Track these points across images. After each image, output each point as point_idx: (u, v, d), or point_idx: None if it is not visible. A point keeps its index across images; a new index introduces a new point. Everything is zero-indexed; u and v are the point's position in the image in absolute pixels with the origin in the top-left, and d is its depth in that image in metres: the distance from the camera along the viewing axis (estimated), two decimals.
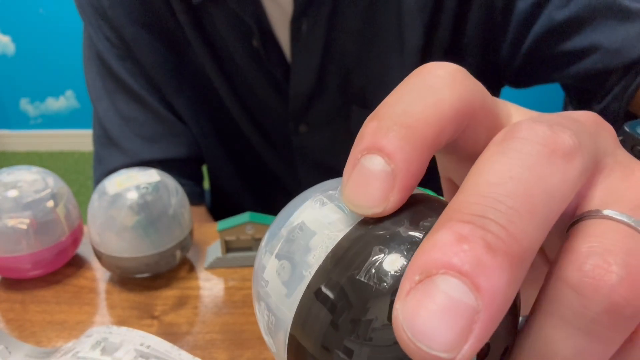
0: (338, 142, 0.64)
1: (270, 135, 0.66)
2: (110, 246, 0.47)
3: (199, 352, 0.42)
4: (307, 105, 0.61)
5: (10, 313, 0.47)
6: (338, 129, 0.63)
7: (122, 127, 0.61)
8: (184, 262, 0.53)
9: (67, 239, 0.49)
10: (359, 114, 0.61)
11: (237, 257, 0.52)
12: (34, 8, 2.09)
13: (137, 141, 0.61)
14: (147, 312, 0.47)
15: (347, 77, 0.59)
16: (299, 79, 0.59)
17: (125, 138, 0.61)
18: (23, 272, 0.49)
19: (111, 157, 0.62)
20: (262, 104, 0.63)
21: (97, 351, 0.37)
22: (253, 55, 0.58)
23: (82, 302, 0.48)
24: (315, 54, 0.57)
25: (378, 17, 0.55)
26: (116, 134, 0.61)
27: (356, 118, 0.61)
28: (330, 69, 0.58)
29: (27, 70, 2.23)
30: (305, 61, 0.57)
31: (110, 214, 0.46)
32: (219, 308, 0.47)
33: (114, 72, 0.60)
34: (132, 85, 0.60)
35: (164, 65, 0.61)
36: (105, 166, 0.62)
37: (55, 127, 2.38)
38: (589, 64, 0.52)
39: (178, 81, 0.62)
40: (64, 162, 2.34)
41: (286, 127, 0.63)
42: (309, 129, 0.63)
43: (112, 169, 0.59)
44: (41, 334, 0.44)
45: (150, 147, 0.62)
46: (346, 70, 0.58)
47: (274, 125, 0.65)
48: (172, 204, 0.48)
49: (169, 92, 0.62)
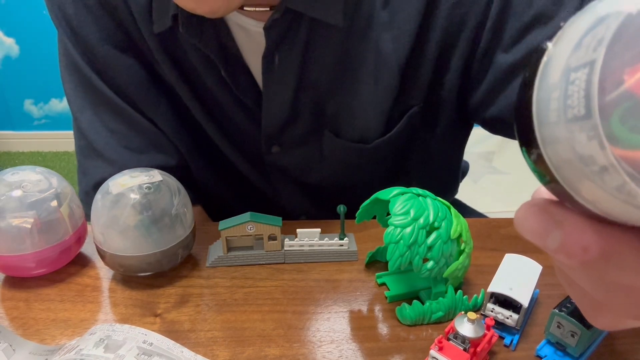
0: (311, 162, 0.64)
1: (245, 153, 0.66)
2: (114, 245, 0.47)
3: (200, 349, 0.43)
4: (281, 130, 0.60)
5: (14, 311, 0.47)
6: (310, 150, 0.62)
7: (107, 138, 0.60)
8: (186, 261, 0.53)
9: (71, 238, 0.50)
10: (330, 138, 0.60)
11: (238, 255, 0.53)
12: (38, 10, 2.10)
13: (123, 152, 0.60)
14: (150, 310, 0.47)
15: (319, 105, 0.58)
16: (271, 108, 0.58)
17: (111, 149, 0.60)
18: (27, 271, 0.49)
19: (97, 169, 0.61)
20: (235, 126, 0.62)
21: (100, 348, 0.37)
22: (223, 83, 0.57)
23: (85, 300, 0.48)
24: (288, 85, 0.55)
25: (353, 53, 0.54)
26: (101, 145, 0.60)
27: (328, 142, 0.61)
28: (303, 98, 0.57)
29: (31, 71, 2.24)
30: (278, 92, 0.56)
31: (113, 213, 0.46)
32: (221, 306, 0.48)
33: (94, 85, 0.59)
34: (113, 98, 0.59)
35: (139, 83, 0.60)
36: (91, 177, 0.61)
37: (58, 128, 2.39)
38: None
39: (154, 98, 0.61)
40: (67, 162, 2.35)
41: (259, 147, 0.63)
42: (281, 150, 0.62)
43: (100, 179, 0.58)
44: (45, 332, 0.45)
45: (137, 157, 0.61)
46: (319, 99, 0.58)
47: (248, 145, 0.64)
48: (175, 204, 0.48)
49: (146, 108, 0.61)
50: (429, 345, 0.40)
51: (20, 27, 2.15)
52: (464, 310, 0.46)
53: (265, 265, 0.53)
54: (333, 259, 0.54)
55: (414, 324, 0.46)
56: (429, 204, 0.44)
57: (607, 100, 0.13)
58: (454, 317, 0.44)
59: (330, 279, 0.51)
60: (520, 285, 0.43)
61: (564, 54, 0.15)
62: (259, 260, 0.53)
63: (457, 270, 0.44)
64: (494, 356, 0.43)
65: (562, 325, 0.40)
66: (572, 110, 0.14)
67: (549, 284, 0.49)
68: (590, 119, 0.14)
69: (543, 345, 0.42)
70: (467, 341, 0.39)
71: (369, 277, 0.52)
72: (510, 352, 0.43)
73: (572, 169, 0.15)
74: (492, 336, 0.41)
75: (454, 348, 0.39)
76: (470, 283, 0.50)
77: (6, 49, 2.20)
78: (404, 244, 0.42)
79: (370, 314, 0.47)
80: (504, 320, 0.43)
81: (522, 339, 0.44)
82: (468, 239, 0.45)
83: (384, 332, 0.45)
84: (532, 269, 0.45)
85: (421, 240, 0.42)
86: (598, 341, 0.43)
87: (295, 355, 0.42)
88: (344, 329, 0.45)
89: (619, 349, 0.43)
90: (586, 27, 0.14)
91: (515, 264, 0.46)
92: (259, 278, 0.51)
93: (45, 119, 2.37)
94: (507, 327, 0.44)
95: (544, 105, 0.15)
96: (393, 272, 0.51)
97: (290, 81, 0.55)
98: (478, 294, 0.48)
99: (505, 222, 0.60)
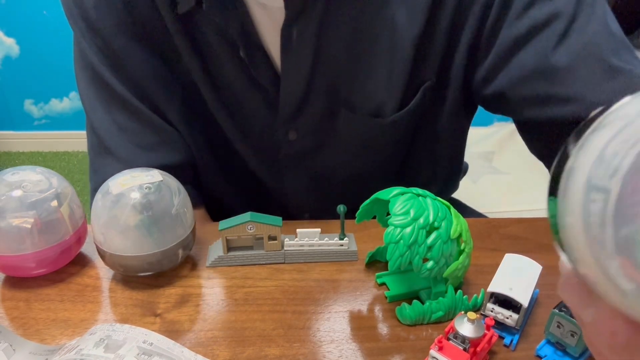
0: (326, 145, 0.64)
1: (257, 144, 0.66)
2: (114, 245, 0.47)
3: (200, 349, 0.43)
4: (297, 111, 0.61)
5: (14, 311, 0.47)
6: (326, 133, 0.63)
7: (118, 136, 0.61)
8: (186, 261, 0.53)
9: (71, 238, 0.50)
10: (346, 116, 0.61)
11: (238, 255, 0.53)
12: (38, 10, 2.10)
13: (133, 150, 0.61)
14: (150, 309, 0.47)
15: (335, 81, 0.59)
16: (289, 86, 0.59)
17: (121, 147, 0.61)
18: (27, 271, 0.49)
19: (107, 166, 0.62)
20: (250, 113, 0.63)
21: (100, 348, 0.37)
22: (241, 65, 0.58)
23: (85, 300, 0.48)
24: (305, 61, 0.57)
25: (368, 27, 0.55)
26: (112, 143, 0.61)
27: (344, 121, 0.61)
28: (320, 74, 0.58)
29: (32, 72, 2.24)
30: (296, 68, 0.57)
31: (113, 213, 0.46)
32: (221, 306, 0.48)
33: (107, 82, 0.60)
34: (126, 96, 0.60)
35: (154, 76, 0.61)
36: (102, 176, 0.61)
37: (59, 128, 2.39)
38: (567, 112, 0.52)
39: (168, 91, 0.62)
40: (67, 162, 2.35)
41: (274, 135, 0.63)
42: (297, 136, 0.63)
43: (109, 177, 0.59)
44: (45, 332, 0.45)
45: (146, 155, 0.61)
46: (335, 75, 0.58)
47: (262, 134, 0.65)
48: (175, 204, 0.48)
49: (160, 102, 0.62)
50: (429, 345, 0.40)
51: (20, 27, 2.15)
52: (464, 310, 0.46)
53: (265, 265, 0.53)
54: (333, 259, 0.54)
55: (414, 323, 0.46)
56: (429, 204, 0.44)
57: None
58: (453, 317, 0.44)
59: (330, 279, 0.51)
60: (520, 285, 0.43)
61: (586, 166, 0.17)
62: (259, 260, 0.53)
63: (457, 270, 0.44)
64: (494, 356, 0.43)
65: (562, 325, 0.40)
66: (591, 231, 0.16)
67: (548, 284, 0.48)
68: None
69: (543, 345, 0.42)
70: (467, 341, 0.39)
71: (369, 277, 0.52)
72: (510, 352, 0.43)
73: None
74: (492, 336, 0.41)
75: (453, 348, 0.39)
76: (470, 283, 0.51)
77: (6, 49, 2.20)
78: (404, 244, 0.42)
79: (370, 313, 0.47)
80: (503, 320, 0.43)
81: (521, 339, 0.44)
82: (468, 239, 0.45)
83: (384, 332, 0.45)
84: (532, 269, 0.45)
85: (421, 240, 0.42)
86: None
87: (295, 355, 0.42)
88: (344, 329, 0.45)
89: None
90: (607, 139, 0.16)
91: (515, 264, 0.46)
92: (259, 278, 0.51)
93: (45, 119, 2.37)
94: (507, 327, 0.44)
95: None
96: (393, 272, 0.51)
97: (307, 56, 0.56)
98: (478, 294, 0.48)
99: (505, 222, 0.60)
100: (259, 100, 0.61)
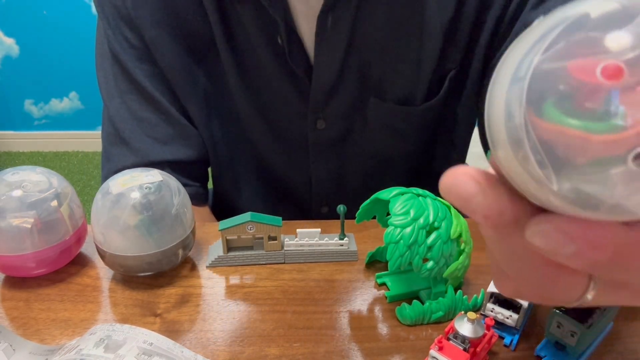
0: (354, 134, 0.65)
1: (283, 134, 0.66)
2: (114, 245, 0.47)
3: (200, 349, 0.43)
4: (327, 99, 0.61)
5: (14, 311, 0.47)
6: (355, 121, 0.64)
7: (133, 126, 0.62)
8: (186, 261, 0.53)
9: (71, 238, 0.50)
10: (375, 104, 0.61)
11: (238, 255, 0.53)
12: (38, 10, 2.10)
13: (148, 141, 0.62)
14: (150, 309, 0.47)
15: (366, 68, 0.59)
16: (321, 73, 0.59)
17: (136, 138, 0.62)
18: (27, 271, 0.49)
19: (120, 156, 0.62)
20: (279, 102, 0.63)
21: (100, 348, 0.37)
22: (276, 52, 0.59)
23: (85, 300, 0.49)
24: (339, 48, 0.57)
25: (401, 15, 0.56)
26: (127, 133, 0.62)
27: (373, 109, 0.62)
28: (352, 61, 0.59)
29: (31, 72, 2.24)
30: (329, 56, 0.58)
31: (113, 213, 0.46)
32: (221, 306, 0.48)
33: (129, 72, 0.60)
34: (147, 87, 0.60)
35: (180, 68, 0.61)
36: (114, 164, 0.62)
37: (59, 128, 2.39)
38: None
39: (192, 85, 0.62)
40: (67, 162, 2.35)
41: (301, 124, 0.64)
42: (326, 124, 0.64)
43: (121, 167, 0.59)
44: (45, 332, 0.45)
45: (160, 148, 0.62)
46: (366, 61, 0.59)
47: (289, 123, 0.65)
48: (175, 204, 0.48)
49: (183, 95, 0.62)
50: (429, 345, 0.40)
51: (20, 27, 2.16)
52: (463, 310, 0.46)
53: (265, 265, 0.53)
54: (333, 259, 0.54)
55: (413, 323, 0.46)
56: (429, 204, 0.44)
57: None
58: (453, 317, 0.44)
59: (330, 279, 0.51)
60: None
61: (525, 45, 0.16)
62: (259, 260, 0.53)
63: (457, 270, 0.44)
64: (494, 356, 0.43)
65: (562, 325, 0.40)
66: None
67: None
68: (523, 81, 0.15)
69: (543, 345, 0.42)
70: (467, 341, 0.39)
71: (369, 277, 0.52)
72: (510, 352, 0.43)
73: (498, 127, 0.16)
74: (492, 336, 0.41)
75: (453, 348, 0.39)
76: (470, 283, 0.51)
77: (6, 49, 2.20)
78: (404, 244, 0.42)
79: (370, 314, 0.47)
80: (503, 320, 0.43)
81: (522, 339, 0.44)
82: (468, 239, 0.45)
83: (384, 332, 0.45)
84: None
85: (421, 240, 0.42)
86: (598, 341, 0.43)
87: (295, 355, 0.42)
88: (344, 329, 0.45)
89: (619, 349, 0.43)
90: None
91: None
92: (259, 278, 0.51)
93: (46, 119, 2.37)
94: (507, 327, 0.44)
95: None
96: (393, 272, 0.51)
97: (340, 42, 0.57)
98: (478, 294, 0.48)
99: None
100: (290, 89, 0.62)
